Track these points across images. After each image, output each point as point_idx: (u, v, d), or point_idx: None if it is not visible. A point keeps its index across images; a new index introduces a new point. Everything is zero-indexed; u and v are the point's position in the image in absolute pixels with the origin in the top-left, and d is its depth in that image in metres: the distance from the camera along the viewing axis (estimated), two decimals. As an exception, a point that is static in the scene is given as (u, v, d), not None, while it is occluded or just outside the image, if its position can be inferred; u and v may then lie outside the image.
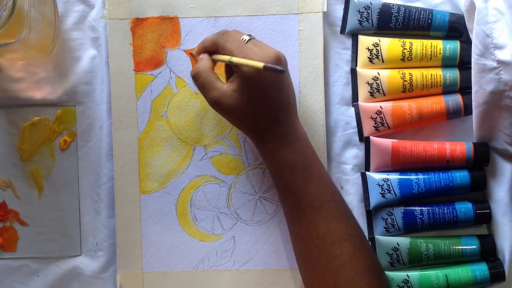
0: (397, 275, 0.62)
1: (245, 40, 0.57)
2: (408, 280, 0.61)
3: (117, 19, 0.65)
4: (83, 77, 0.66)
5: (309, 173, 0.57)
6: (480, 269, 0.61)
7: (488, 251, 0.62)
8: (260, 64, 0.53)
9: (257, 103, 0.56)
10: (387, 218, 0.63)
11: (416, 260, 0.62)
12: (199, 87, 0.59)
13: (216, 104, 0.58)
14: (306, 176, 0.57)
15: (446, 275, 0.61)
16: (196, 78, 0.58)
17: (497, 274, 0.61)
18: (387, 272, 0.62)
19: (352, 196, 0.65)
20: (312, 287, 0.58)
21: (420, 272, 0.62)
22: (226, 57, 0.57)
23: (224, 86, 0.57)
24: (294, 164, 0.57)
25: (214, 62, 0.60)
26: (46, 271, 0.65)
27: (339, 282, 0.56)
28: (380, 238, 0.62)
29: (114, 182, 0.65)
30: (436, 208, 0.62)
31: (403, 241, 0.62)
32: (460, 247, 0.62)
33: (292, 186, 0.57)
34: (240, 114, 0.57)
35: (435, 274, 0.61)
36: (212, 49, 0.60)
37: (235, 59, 0.56)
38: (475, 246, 0.62)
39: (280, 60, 0.56)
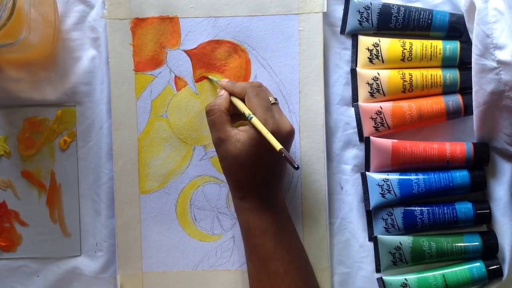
0: (395, 280, 0.62)
1: (270, 101, 0.58)
2: (406, 284, 0.61)
3: (117, 19, 0.65)
4: (83, 77, 0.66)
5: (281, 239, 0.58)
6: (477, 268, 0.61)
7: (491, 248, 0.62)
8: (278, 146, 0.54)
9: (255, 163, 0.57)
10: (387, 218, 0.63)
11: (419, 258, 0.62)
12: (209, 123, 0.59)
13: (218, 145, 0.58)
14: (278, 240, 0.58)
15: (444, 276, 0.61)
16: (209, 114, 0.59)
17: (494, 271, 0.61)
18: (384, 277, 0.62)
19: (352, 196, 0.65)
20: None
21: (418, 275, 0.62)
22: (247, 111, 0.57)
23: (232, 131, 0.58)
24: (267, 227, 0.58)
25: (231, 102, 0.60)
26: (46, 271, 0.65)
27: None
28: (383, 237, 0.62)
29: (114, 182, 0.65)
30: (436, 208, 0.62)
31: (406, 240, 0.62)
32: (462, 244, 0.62)
33: (261, 248, 0.58)
34: (235, 164, 0.58)
35: (433, 276, 0.61)
36: (239, 96, 0.60)
37: (256, 121, 0.56)
38: (477, 243, 0.62)
39: (291, 137, 0.58)
